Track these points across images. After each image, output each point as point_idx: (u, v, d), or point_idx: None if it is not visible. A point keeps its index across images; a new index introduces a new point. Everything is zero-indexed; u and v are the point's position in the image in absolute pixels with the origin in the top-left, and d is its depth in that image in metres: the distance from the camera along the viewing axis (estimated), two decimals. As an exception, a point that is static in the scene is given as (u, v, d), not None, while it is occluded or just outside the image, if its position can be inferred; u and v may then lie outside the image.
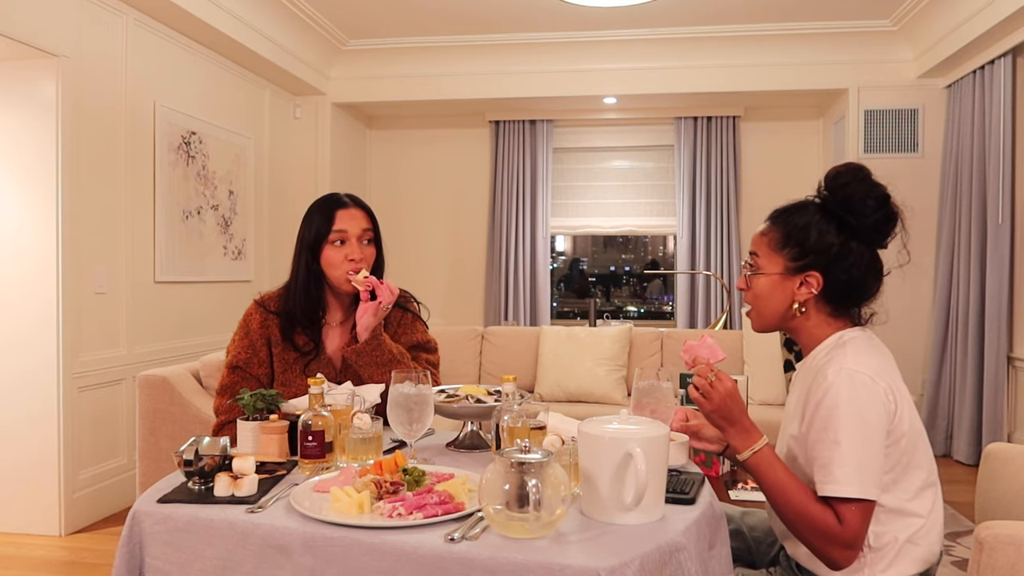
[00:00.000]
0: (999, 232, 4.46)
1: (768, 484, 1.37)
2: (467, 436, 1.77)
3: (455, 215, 6.31)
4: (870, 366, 1.36)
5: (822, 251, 1.41)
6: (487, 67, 5.50)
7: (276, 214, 5.38)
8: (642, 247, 6.58)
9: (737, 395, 1.40)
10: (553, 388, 4.42)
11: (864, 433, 1.31)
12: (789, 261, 1.44)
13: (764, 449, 1.38)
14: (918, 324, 5.12)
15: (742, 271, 1.53)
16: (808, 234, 1.42)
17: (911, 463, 1.38)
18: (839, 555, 1.32)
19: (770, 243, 1.46)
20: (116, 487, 3.73)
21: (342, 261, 1.92)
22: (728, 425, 1.40)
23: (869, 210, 1.41)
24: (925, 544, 1.39)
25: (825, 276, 1.42)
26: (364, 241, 1.97)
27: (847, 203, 1.41)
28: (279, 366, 1.94)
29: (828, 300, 1.44)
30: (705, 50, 5.26)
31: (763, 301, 1.47)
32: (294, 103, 5.61)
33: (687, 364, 1.47)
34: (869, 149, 5.17)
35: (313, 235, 1.94)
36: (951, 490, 3.98)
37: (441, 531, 1.17)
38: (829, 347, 1.43)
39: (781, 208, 1.50)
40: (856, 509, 1.30)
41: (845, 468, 1.30)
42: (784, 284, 1.44)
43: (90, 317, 3.58)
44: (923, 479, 1.40)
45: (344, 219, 1.94)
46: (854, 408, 1.31)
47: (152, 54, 4.02)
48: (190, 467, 1.39)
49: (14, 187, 3.41)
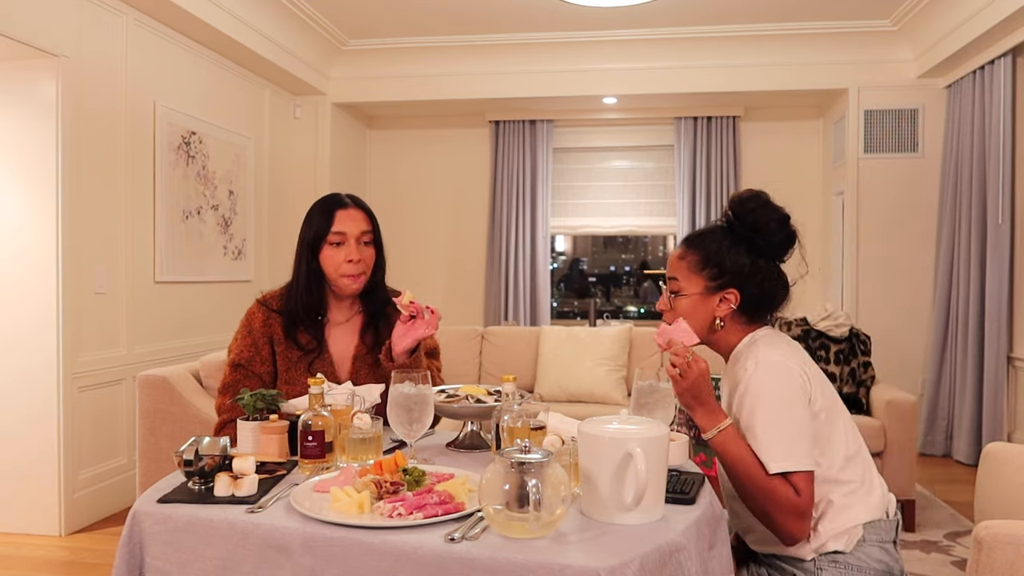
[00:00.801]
0: (999, 232, 4.46)
1: (733, 461, 1.45)
2: (467, 436, 1.77)
3: (455, 215, 6.32)
4: (783, 353, 1.50)
5: (737, 270, 1.56)
6: (487, 67, 5.50)
7: (276, 214, 5.38)
8: (642, 247, 6.59)
9: (708, 376, 1.49)
10: (553, 388, 4.42)
11: (789, 411, 1.44)
12: (708, 281, 1.58)
13: (729, 428, 1.47)
14: (918, 324, 5.11)
15: (661, 293, 1.66)
16: (723, 255, 1.57)
17: (832, 436, 1.50)
18: (796, 527, 1.42)
19: (689, 266, 1.60)
20: (116, 487, 3.73)
21: (340, 262, 1.93)
22: (698, 405, 1.49)
23: (774, 231, 1.56)
24: (864, 503, 1.50)
25: (740, 291, 1.56)
26: (363, 242, 1.97)
27: (754, 226, 1.56)
28: (282, 364, 1.95)
29: (743, 312, 1.58)
30: (705, 50, 5.26)
31: (686, 319, 1.59)
32: (294, 103, 5.61)
33: (660, 347, 1.55)
34: (869, 149, 5.17)
35: (313, 235, 1.96)
36: (951, 490, 3.99)
37: (441, 531, 1.17)
38: (744, 346, 1.58)
39: (694, 233, 1.65)
40: (805, 478, 1.42)
41: (781, 444, 1.42)
42: (705, 302, 1.58)
43: (90, 317, 3.58)
44: (844, 450, 1.51)
45: (343, 220, 1.95)
46: (776, 391, 1.45)
47: (152, 54, 4.03)
48: (190, 467, 1.39)
49: (14, 187, 3.41)
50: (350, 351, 2.00)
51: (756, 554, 1.65)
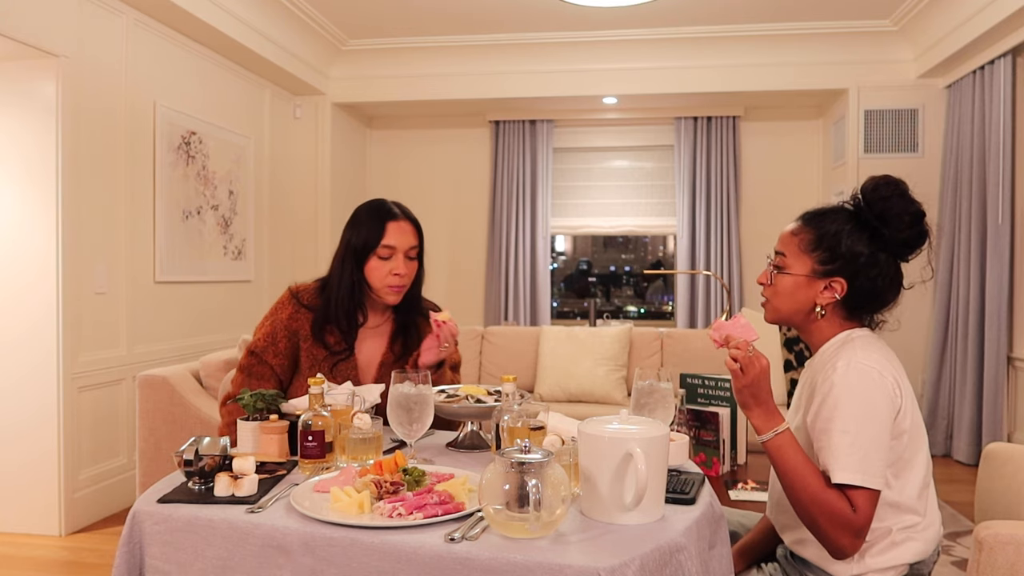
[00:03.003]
0: (999, 232, 4.46)
1: (787, 467, 1.37)
2: (467, 436, 1.77)
3: (455, 215, 6.31)
4: (878, 361, 1.38)
5: (851, 259, 1.44)
6: (487, 67, 5.50)
7: (276, 214, 5.38)
8: (642, 247, 6.58)
9: (768, 375, 1.41)
10: (553, 388, 4.42)
11: (872, 424, 1.33)
12: (817, 264, 1.46)
13: (785, 432, 1.38)
14: (918, 324, 5.11)
15: (767, 266, 1.54)
16: (840, 240, 1.44)
17: (912, 461, 1.40)
18: (848, 542, 1.33)
19: (800, 244, 1.48)
20: (116, 487, 3.73)
21: (387, 274, 1.94)
22: (755, 404, 1.40)
23: (904, 225, 1.43)
24: (921, 539, 1.41)
25: (850, 283, 1.44)
26: (409, 256, 1.97)
27: (883, 215, 1.43)
28: (306, 361, 1.96)
29: (846, 305, 1.47)
30: (705, 50, 5.26)
31: (784, 298, 1.49)
32: (294, 103, 5.61)
33: (716, 343, 1.46)
34: (869, 149, 5.17)
35: (361, 243, 1.94)
36: (951, 490, 3.98)
37: (441, 531, 1.17)
38: (838, 344, 1.46)
39: (814, 211, 1.51)
40: (867, 497, 1.32)
41: (854, 457, 1.32)
42: (809, 286, 1.46)
43: (90, 317, 3.58)
44: (922, 478, 1.42)
45: (395, 233, 1.94)
46: (862, 399, 1.34)
47: (152, 54, 4.02)
48: (190, 467, 1.39)
49: (14, 187, 3.41)
50: (377, 357, 2.02)
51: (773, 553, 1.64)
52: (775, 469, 1.41)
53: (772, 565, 1.60)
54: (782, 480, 1.39)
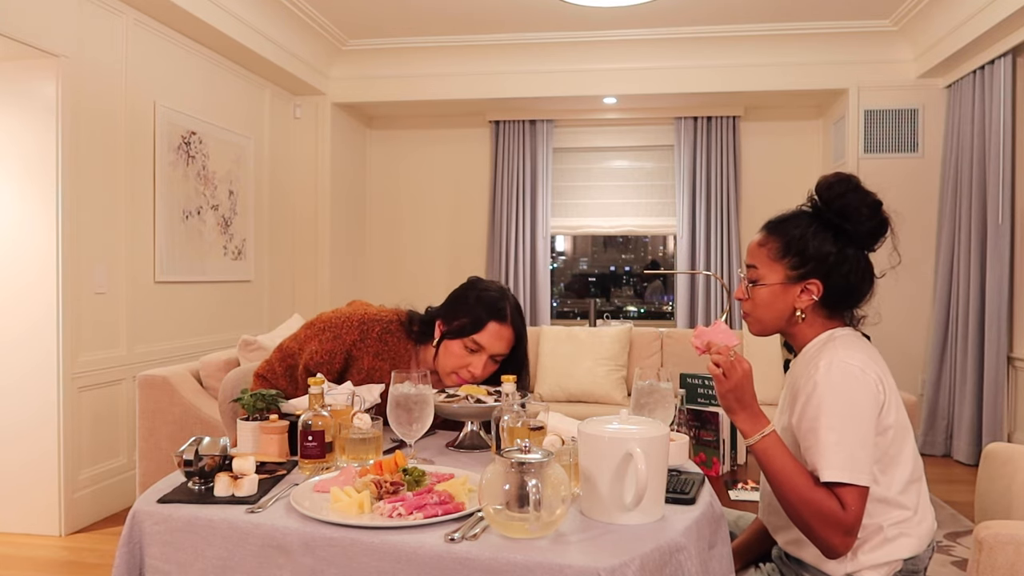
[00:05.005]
0: (999, 232, 4.46)
1: (774, 469, 1.38)
2: (467, 436, 1.76)
3: (455, 215, 6.31)
4: (860, 358, 1.39)
5: (821, 259, 1.46)
6: (487, 67, 5.50)
7: (276, 214, 5.38)
8: (642, 247, 6.58)
9: (752, 378, 1.42)
10: (553, 388, 4.42)
11: (857, 421, 1.35)
12: (789, 270, 1.48)
13: (771, 434, 1.39)
14: (918, 324, 5.12)
15: (740, 281, 1.56)
16: (807, 243, 1.46)
17: (898, 456, 1.42)
18: (840, 541, 1.34)
19: (769, 253, 1.50)
20: (116, 487, 3.73)
21: (460, 366, 1.89)
22: (740, 408, 1.41)
23: (864, 217, 1.46)
24: (914, 535, 1.42)
25: (824, 282, 1.46)
26: (495, 359, 1.92)
27: (843, 211, 1.46)
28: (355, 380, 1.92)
29: (825, 304, 1.49)
30: (705, 50, 5.26)
31: (764, 309, 1.51)
32: (294, 103, 5.61)
33: (698, 350, 1.47)
34: (869, 149, 5.17)
35: (455, 327, 1.90)
36: (951, 490, 3.99)
37: (441, 531, 1.17)
38: (820, 343, 1.47)
39: (776, 219, 1.54)
40: (857, 494, 1.33)
41: (841, 454, 1.33)
42: (785, 292, 1.48)
43: (90, 317, 3.58)
44: (909, 474, 1.43)
45: (491, 336, 1.88)
46: (846, 397, 1.35)
47: (152, 54, 4.02)
48: (190, 467, 1.39)
49: (14, 187, 3.41)
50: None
51: (768, 554, 1.64)
52: (764, 471, 1.41)
53: (770, 565, 1.60)
54: (771, 482, 1.40)
